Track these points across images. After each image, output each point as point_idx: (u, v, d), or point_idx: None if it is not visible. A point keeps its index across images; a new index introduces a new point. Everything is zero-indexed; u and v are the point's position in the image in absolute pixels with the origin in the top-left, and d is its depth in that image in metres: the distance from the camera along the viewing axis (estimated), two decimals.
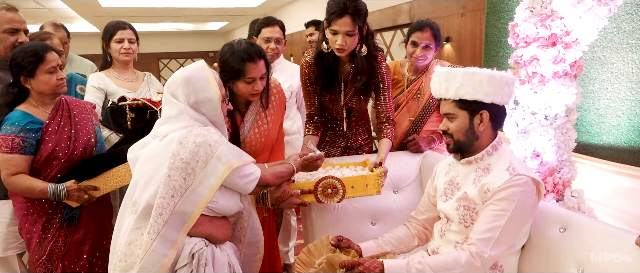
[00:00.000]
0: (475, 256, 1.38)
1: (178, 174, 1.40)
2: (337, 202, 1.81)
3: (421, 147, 2.21)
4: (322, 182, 1.77)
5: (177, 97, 1.51)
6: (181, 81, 1.51)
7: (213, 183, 1.43)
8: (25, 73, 1.82)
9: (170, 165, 1.40)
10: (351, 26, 1.87)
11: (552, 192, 1.90)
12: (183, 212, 1.41)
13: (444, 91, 1.53)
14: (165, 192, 1.39)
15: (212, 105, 1.53)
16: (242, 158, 1.53)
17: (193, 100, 1.50)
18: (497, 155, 1.52)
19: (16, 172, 1.80)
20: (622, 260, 1.25)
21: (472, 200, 1.49)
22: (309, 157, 1.74)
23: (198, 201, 1.43)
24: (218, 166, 1.43)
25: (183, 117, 1.49)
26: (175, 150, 1.42)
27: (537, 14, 1.83)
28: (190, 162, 1.41)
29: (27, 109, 1.87)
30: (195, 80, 1.50)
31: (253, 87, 1.78)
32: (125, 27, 2.39)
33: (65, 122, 1.92)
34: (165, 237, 1.38)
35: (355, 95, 2.12)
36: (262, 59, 1.78)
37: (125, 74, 2.43)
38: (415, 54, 2.22)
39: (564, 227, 1.45)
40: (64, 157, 1.89)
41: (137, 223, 1.43)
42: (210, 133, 1.46)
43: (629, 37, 2.13)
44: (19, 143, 1.79)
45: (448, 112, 1.54)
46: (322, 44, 2.01)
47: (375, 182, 1.82)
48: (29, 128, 1.82)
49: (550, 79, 1.84)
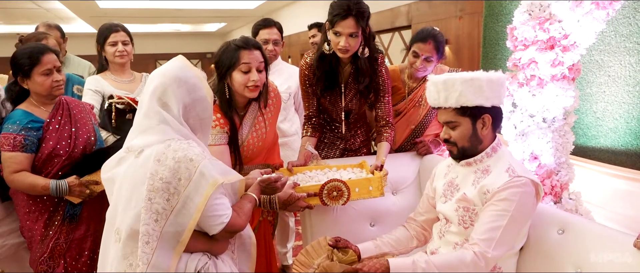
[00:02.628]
0: (479, 255, 1.38)
1: (159, 196, 1.27)
2: (341, 204, 1.81)
3: (431, 149, 2.21)
4: (327, 185, 1.77)
5: (166, 100, 1.34)
6: (171, 81, 1.34)
7: (198, 203, 1.29)
8: (22, 74, 1.84)
9: (150, 186, 1.26)
10: (355, 28, 1.87)
11: (550, 194, 1.91)
12: (171, 236, 1.30)
13: (444, 100, 1.49)
14: (148, 217, 1.26)
15: (206, 105, 1.41)
16: (228, 175, 1.39)
17: (187, 100, 1.36)
18: (497, 157, 1.52)
19: (18, 169, 1.82)
20: (620, 262, 1.25)
21: (471, 201, 1.49)
22: (265, 178, 1.59)
23: (185, 223, 1.29)
24: (201, 183, 1.29)
25: (162, 127, 1.33)
26: (153, 169, 1.27)
27: (535, 17, 1.83)
28: (172, 180, 1.27)
29: (28, 108, 1.89)
30: (186, 79, 1.36)
31: (249, 77, 1.72)
32: (117, 29, 2.36)
33: (66, 120, 1.94)
34: (157, 265, 1.27)
35: (355, 97, 2.12)
36: (258, 49, 1.75)
37: (122, 76, 2.42)
38: (415, 65, 2.16)
39: (562, 229, 1.46)
40: (65, 155, 1.90)
41: (123, 251, 1.31)
42: (191, 146, 1.31)
43: (627, 41, 2.14)
44: (20, 141, 1.81)
45: (449, 120, 1.51)
46: (324, 45, 2.00)
47: (379, 184, 1.83)
48: (30, 126, 1.84)
49: (548, 82, 1.85)
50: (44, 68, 1.83)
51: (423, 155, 2.21)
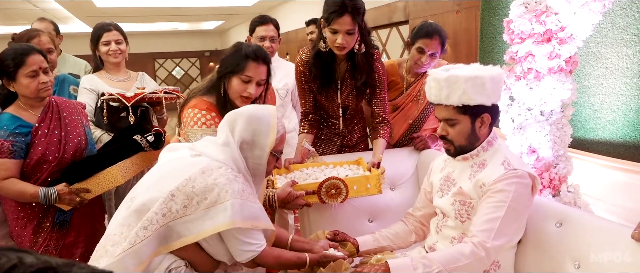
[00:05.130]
0: (478, 246, 1.36)
1: (181, 199, 1.32)
2: (340, 202, 1.82)
3: (428, 143, 2.21)
4: (326, 183, 1.78)
5: (233, 129, 1.44)
6: (246, 117, 1.44)
7: (205, 228, 1.32)
8: (7, 76, 1.77)
9: (181, 186, 1.33)
10: (351, 25, 1.87)
11: (548, 187, 1.90)
12: (164, 237, 1.33)
13: (445, 98, 1.46)
14: (160, 208, 1.31)
15: (262, 154, 1.45)
16: (255, 222, 1.38)
17: (247, 138, 1.43)
18: (492, 151, 1.52)
19: (6, 176, 1.76)
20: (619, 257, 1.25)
21: (467, 195, 1.49)
22: (329, 255, 1.55)
23: (183, 234, 1.33)
24: (220, 215, 1.31)
25: (226, 150, 1.41)
26: (193, 174, 1.35)
27: (531, 10, 1.83)
28: (199, 194, 1.32)
29: (16, 112, 1.82)
30: (259, 122, 1.44)
31: (246, 88, 1.70)
32: (110, 28, 2.33)
33: (55, 124, 1.88)
34: (138, 252, 1.28)
35: (351, 93, 2.11)
36: (266, 65, 1.75)
37: (117, 74, 2.40)
38: (420, 61, 2.14)
39: (560, 222, 1.45)
40: (55, 161, 1.85)
41: (126, 219, 1.35)
42: (236, 180, 1.37)
43: (624, 32, 2.13)
44: (8, 147, 1.75)
45: (449, 118, 1.49)
46: (320, 42, 1.99)
47: (377, 181, 1.84)
48: (18, 131, 1.78)
49: (545, 75, 1.85)
50: (29, 70, 1.75)
51: (421, 150, 2.21)
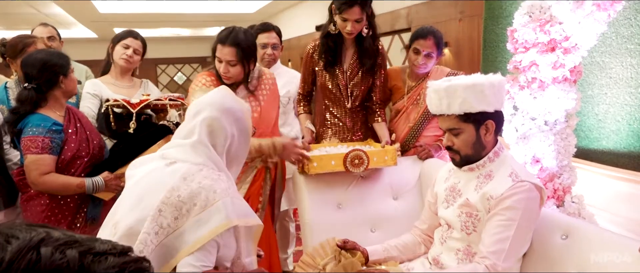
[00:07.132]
0: (491, 268, 1.35)
1: (170, 212, 1.25)
2: (362, 170, 2.01)
3: (431, 153, 2.21)
4: (350, 153, 1.99)
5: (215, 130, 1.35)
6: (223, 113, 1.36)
7: (202, 234, 1.24)
8: (61, 74, 1.88)
9: (165, 199, 1.25)
10: (360, 15, 2.07)
11: (553, 197, 1.89)
12: (163, 256, 1.26)
13: (446, 107, 1.46)
14: (151, 227, 1.23)
15: (247, 139, 1.43)
16: (246, 219, 1.34)
17: (236, 133, 1.38)
18: (499, 162, 1.50)
19: (47, 171, 1.82)
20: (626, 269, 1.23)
21: (474, 206, 1.47)
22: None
23: (180, 248, 1.25)
24: (214, 217, 1.24)
25: (201, 150, 1.33)
26: (176, 184, 1.27)
27: (536, 19, 1.82)
28: (187, 202, 1.25)
29: (46, 113, 1.88)
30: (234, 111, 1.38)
31: (222, 68, 1.93)
32: (136, 36, 2.39)
33: (79, 125, 1.98)
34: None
35: (357, 76, 2.26)
36: (233, 46, 1.89)
37: (122, 80, 2.41)
38: (416, 62, 2.21)
39: (566, 234, 1.43)
40: (87, 156, 1.95)
41: None
42: (220, 179, 1.31)
43: (628, 42, 2.12)
44: (48, 143, 1.83)
45: (452, 127, 1.48)
46: (330, 25, 2.17)
47: (393, 154, 2.07)
48: (54, 129, 1.86)
49: (549, 84, 1.83)
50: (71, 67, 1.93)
51: (424, 159, 2.20)
